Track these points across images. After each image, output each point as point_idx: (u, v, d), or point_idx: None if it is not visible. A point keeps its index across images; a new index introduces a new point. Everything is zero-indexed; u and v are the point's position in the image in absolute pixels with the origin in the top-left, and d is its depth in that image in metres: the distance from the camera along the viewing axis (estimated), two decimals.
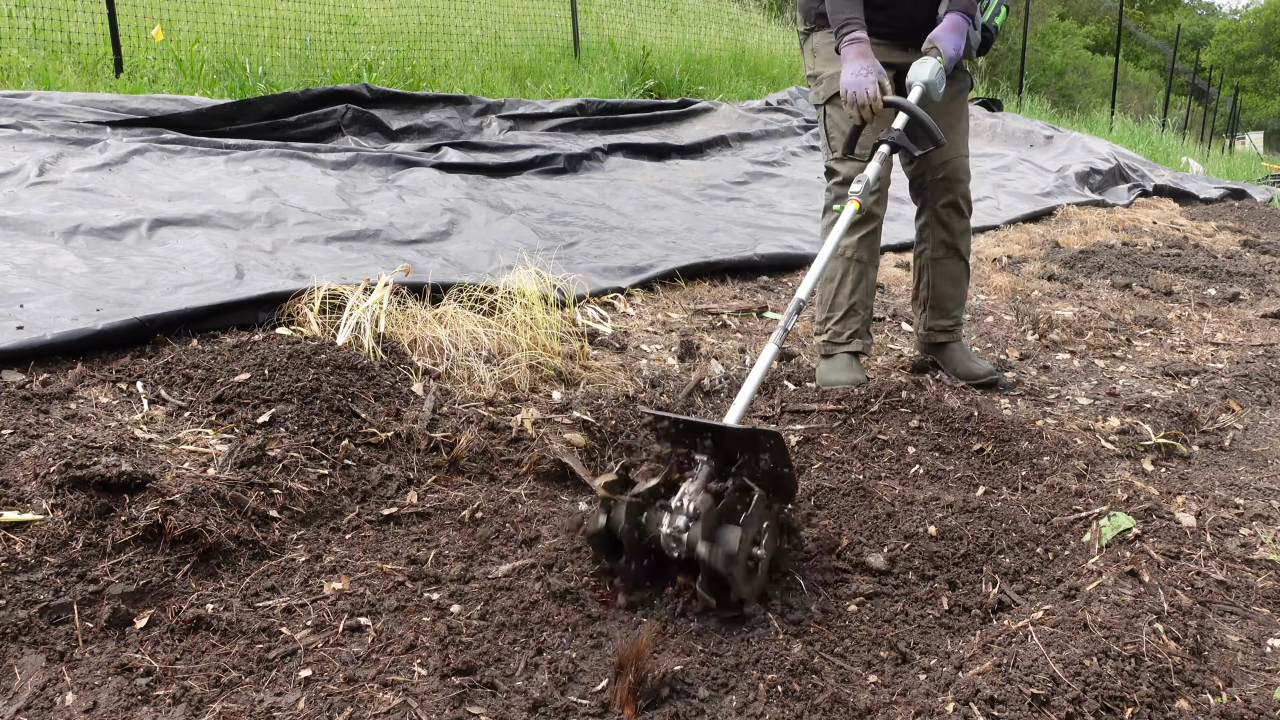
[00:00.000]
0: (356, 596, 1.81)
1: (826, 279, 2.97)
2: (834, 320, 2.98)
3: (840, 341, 2.98)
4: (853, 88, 2.61)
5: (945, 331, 3.21)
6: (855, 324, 2.97)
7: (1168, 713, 1.51)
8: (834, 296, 2.97)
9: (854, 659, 1.74)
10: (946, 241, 3.11)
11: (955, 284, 3.17)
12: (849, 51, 2.65)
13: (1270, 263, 5.80)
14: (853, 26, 2.68)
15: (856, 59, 2.63)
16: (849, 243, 2.91)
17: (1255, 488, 2.53)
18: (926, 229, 3.13)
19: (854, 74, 2.61)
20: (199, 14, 7.49)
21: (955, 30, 2.74)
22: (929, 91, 2.65)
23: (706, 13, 12.57)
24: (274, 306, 2.90)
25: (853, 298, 2.95)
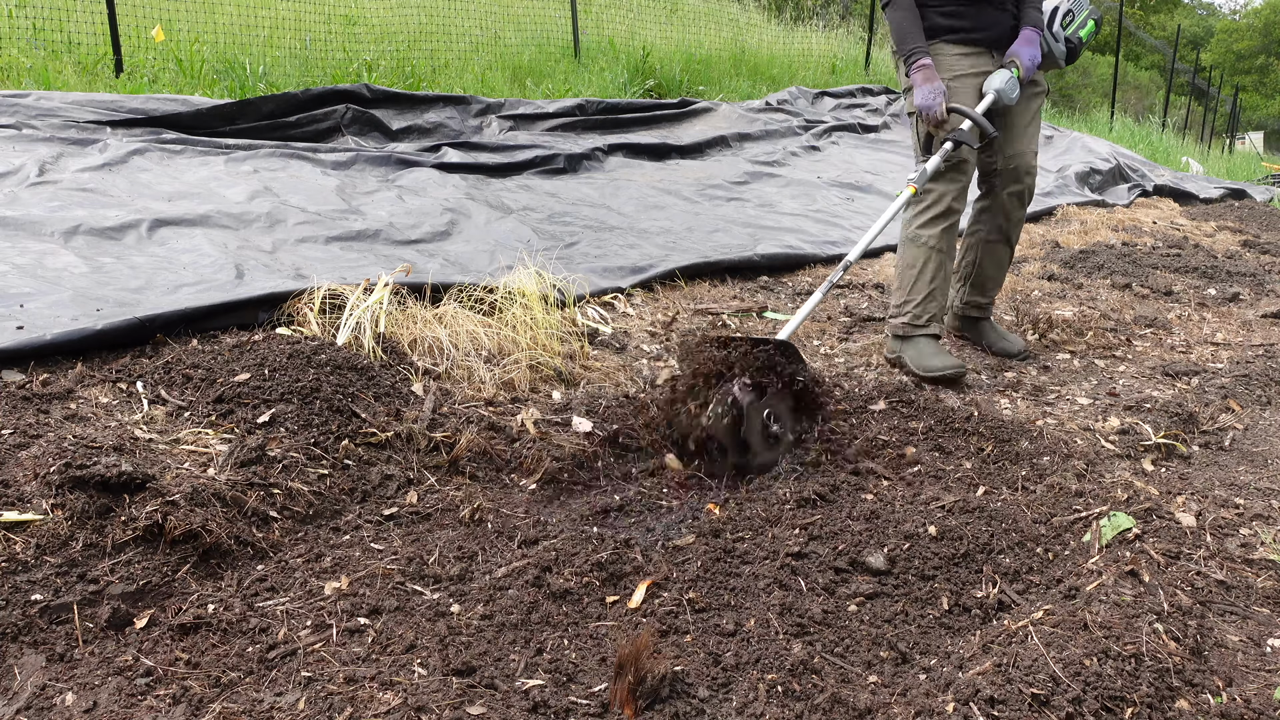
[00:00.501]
0: (356, 596, 1.81)
1: (908, 265, 3.27)
2: (914, 304, 3.25)
3: (920, 324, 3.25)
4: (924, 107, 3.13)
5: (980, 308, 3.59)
6: (934, 309, 3.26)
7: (1168, 713, 1.51)
8: (915, 282, 3.25)
9: (854, 659, 1.74)
10: (1002, 227, 3.46)
11: (999, 268, 3.54)
12: (917, 77, 3.15)
13: (1270, 263, 5.80)
14: (918, 54, 3.15)
15: (924, 83, 3.13)
16: (933, 234, 3.23)
17: (1255, 488, 2.53)
18: (985, 213, 3.47)
19: (924, 96, 3.12)
20: (199, 14, 7.49)
21: (1030, 44, 3.21)
22: (1000, 97, 3.13)
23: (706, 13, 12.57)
24: (274, 306, 2.90)
25: (932, 284, 3.24)
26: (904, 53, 3.18)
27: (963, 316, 3.61)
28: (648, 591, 1.91)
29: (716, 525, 2.18)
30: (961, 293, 3.59)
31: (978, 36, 3.24)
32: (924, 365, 3.17)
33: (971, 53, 3.24)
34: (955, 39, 3.22)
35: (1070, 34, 3.35)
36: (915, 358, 3.21)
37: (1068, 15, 3.34)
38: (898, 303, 3.30)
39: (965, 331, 3.64)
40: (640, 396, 2.74)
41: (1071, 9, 3.36)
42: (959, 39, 3.23)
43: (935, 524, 2.12)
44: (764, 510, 2.27)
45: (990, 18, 3.23)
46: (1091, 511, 2.18)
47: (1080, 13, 3.38)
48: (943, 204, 3.20)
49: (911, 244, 3.25)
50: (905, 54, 3.17)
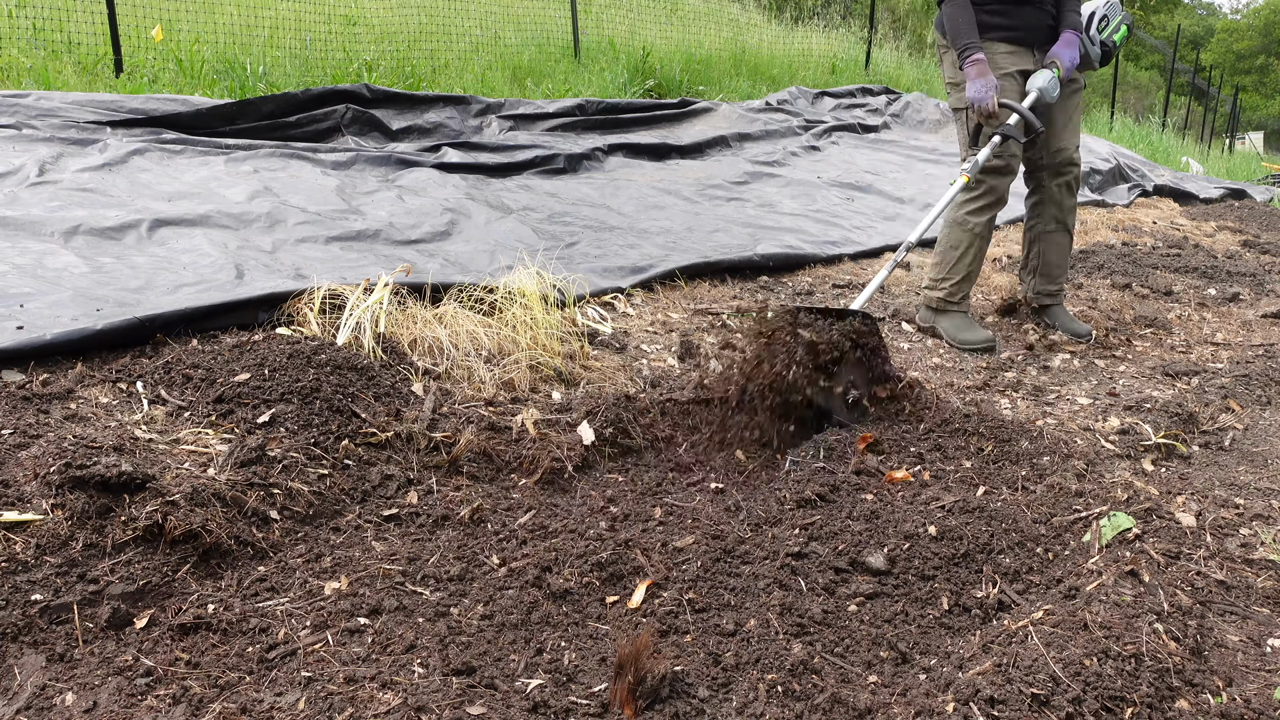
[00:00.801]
0: (356, 596, 1.81)
1: (951, 246, 3.57)
2: (952, 282, 3.60)
3: (955, 301, 3.62)
4: (977, 100, 3.33)
5: (1051, 295, 3.86)
6: (968, 288, 3.62)
7: (1168, 713, 1.51)
8: (956, 261, 3.57)
9: (854, 659, 1.74)
10: (1058, 217, 3.72)
11: (1062, 254, 3.79)
12: (970, 71, 3.34)
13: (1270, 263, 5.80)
14: (972, 49, 3.34)
15: (977, 78, 3.32)
16: (980, 221, 3.53)
17: (1255, 488, 2.53)
18: (1040, 206, 3.74)
19: (977, 89, 3.32)
20: (199, 14, 7.49)
21: (1069, 45, 3.43)
22: (1043, 95, 3.35)
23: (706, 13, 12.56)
24: (274, 306, 2.90)
25: (970, 266, 3.58)
26: (959, 47, 3.36)
27: (1036, 306, 3.89)
28: (648, 591, 1.91)
29: (716, 526, 2.18)
30: (1031, 284, 3.86)
31: (1022, 35, 3.46)
32: (960, 338, 3.55)
33: (1016, 51, 3.47)
34: (1001, 36, 3.44)
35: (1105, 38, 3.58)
36: (951, 330, 3.60)
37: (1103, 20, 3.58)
38: (936, 277, 3.63)
39: (1037, 318, 3.91)
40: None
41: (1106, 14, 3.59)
42: (1004, 37, 3.45)
43: (935, 524, 2.12)
44: (764, 510, 2.27)
45: (1033, 18, 3.46)
46: (1091, 511, 2.18)
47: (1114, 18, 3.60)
48: (993, 195, 3.48)
49: (959, 227, 3.54)
50: (960, 48, 3.35)
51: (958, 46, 3.38)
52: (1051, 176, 3.66)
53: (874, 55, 12.87)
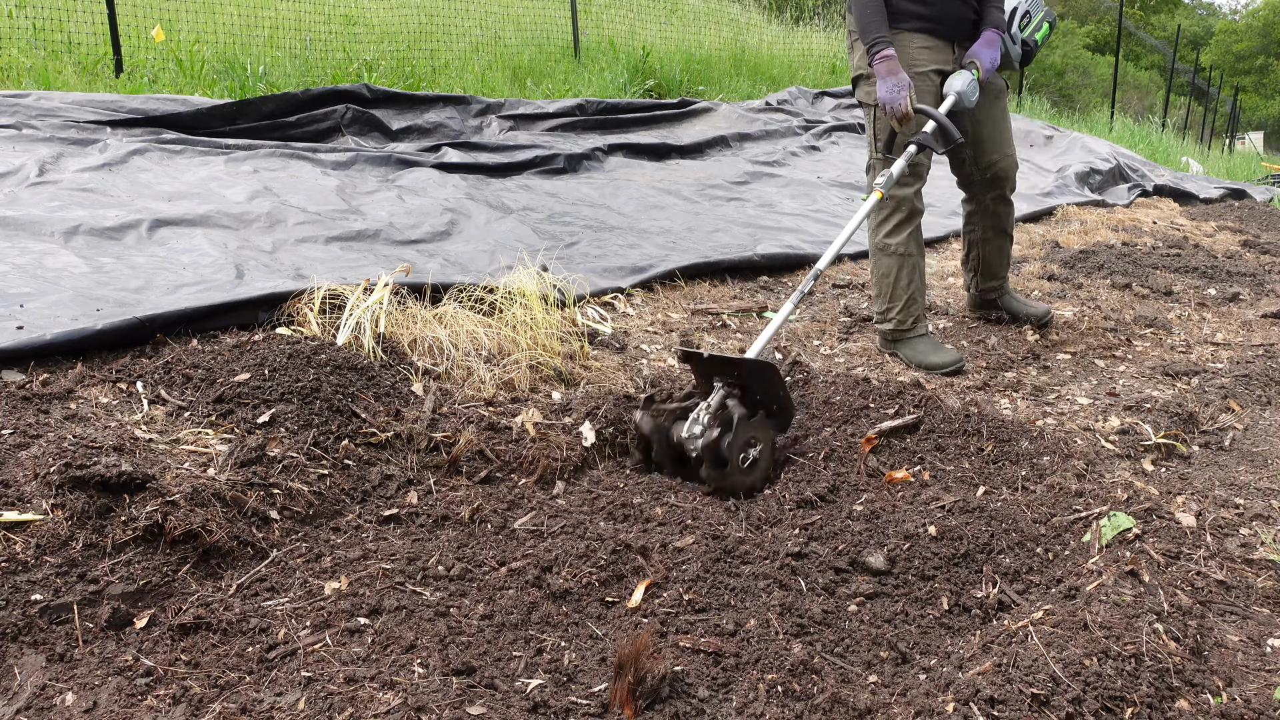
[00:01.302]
0: (356, 596, 1.81)
1: (883, 275, 3.32)
2: (896, 310, 3.34)
3: (907, 328, 3.35)
4: (888, 102, 3.01)
5: (995, 290, 3.81)
6: (916, 310, 3.34)
7: (1168, 713, 1.51)
8: (892, 289, 3.32)
9: (854, 659, 1.74)
10: (995, 225, 3.61)
11: (1000, 254, 3.71)
12: (880, 68, 3.02)
13: (1270, 263, 5.80)
14: (882, 44, 3.02)
15: (888, 75, 3.00)
16: (899, 240, 3.26)
17: (1255, 488, 2.53)
18: (976, 216, 3.61)
19: (888, 89, 3.00)
20: (199, 14, 7.49)
21: (990, 45, 3.15)
22: (961, 100, 3.06)
23: (706, 13, 12.57)
24: (274, 306, 2.90)
25: (910, 288, 3.31)
26: (867, 40, 3.06)
27: (983, 301, 3.82)
28: (647, 591, 1.91)
29: (716, 526, 2.18)
30: (975, 282, 3.78)
31: (941, 28, 3.17)
32: (924, 363, 3.28)
33: (934, 45, 3.17)
34: (918, 27, 3.14)
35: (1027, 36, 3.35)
36: (913, 356, 3.32)
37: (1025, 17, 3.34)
38: (880, 309, 3.39)
39: (986, 311, 3.83)
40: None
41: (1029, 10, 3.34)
42: (922, 28, 3.14)
43: (935, 524, 2.12)
44: (763, 510, 2.27)
45: (955, 9, 3.18)
46: (1091, 511, 2.18)
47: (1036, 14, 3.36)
48: (904, 209, 3.23)
49: (881, 254, 3.31)
50: (869, 42, 3.05)
51: (866, 39, 3.06)
52: (985, 190, 3.50)
53: None
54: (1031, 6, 3.35)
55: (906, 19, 3.13)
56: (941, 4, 3.14)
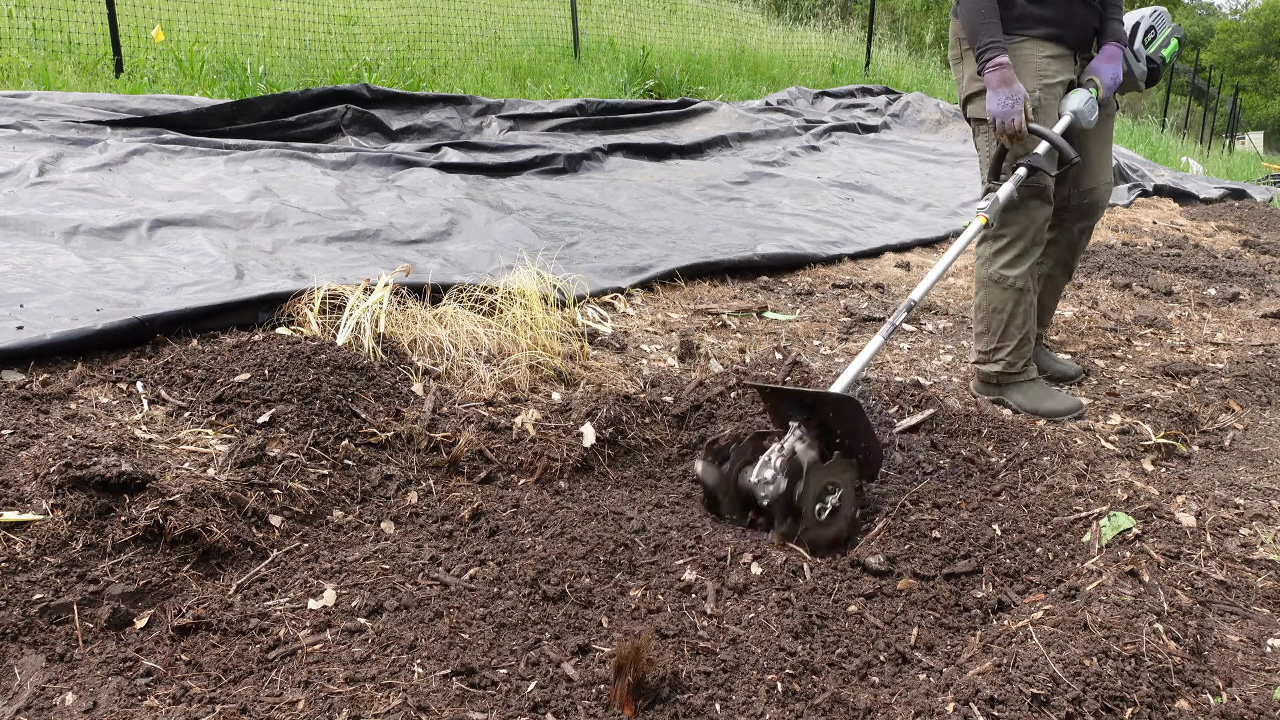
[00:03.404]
0: (356, 596, 1.81)
1: (994, 310, 2.95)
2: (1007, 350, 2.97)
3: (1016, 371, 2.99)
4: (1001, 117, 2.68)
5: (1036, 338, 3.29)
6: (1027, 352, 2.99)
7: (1168, 713, 1.51)
8: (1005, 327, 2.95)
9: (854, 659, 1.74)
10: (1066, 261, 3.19)
11: (1056, 296, 3.29)
12: (992, 78, 2.68)
13: (1270, 263, 5.79)
14: (994, 50, 2.68)
15: (1000, 86, 2.67)
16: (1017, 274, 2.89)
17: (1255, 488, 2.53)
18: (1051, 245, 3.12)
19: (1001, 101, 2.67)
20: (199, 14, 7.49)
21: (1113, 60, 2.83)
22: (1078, 120, 2.76)
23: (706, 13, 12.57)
24: (274, 307, 2.90)
25: (1024, 328, 2.96)
26: (978, 46, 2.71)
27: None
28: (648, 591, 1.91)
29: (718, 529, 2.18)
30: None
31: (1067, 34, 2.81)
32: (1041, 409, 2.95)
33: (1061, 55, 2.81)
34: (1044, 34, 2.77)
35: (1152, 52, 3.03)
36: (1029, 403, 2.98)
37: (1149, 32, 3.03)
38: (986, 349, 3.01)
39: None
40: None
41: (1154, 25, 3.04)
42: (1048, 34, 2.78)
43: (936, 524, 2.12)
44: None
45: (1082, 15, 2.82)
46: (1091, 511, 2.18)
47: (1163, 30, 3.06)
48: (1026, 239, 2.86)
49: (996, 285, 2.92)
50: (980, 48, 2.71)
51: (977, 45, 2.71)
52: (1076, 219, 3.09)
53: (874, 55, 12.87)
54: (1157, 21, 3.05)
55: (1032, 24, 2.77)
56: (1067, 7, 2.78)
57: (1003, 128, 2.70)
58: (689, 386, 2.79)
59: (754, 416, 2.59)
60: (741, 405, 2.66)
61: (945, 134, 9.02)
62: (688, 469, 2.48)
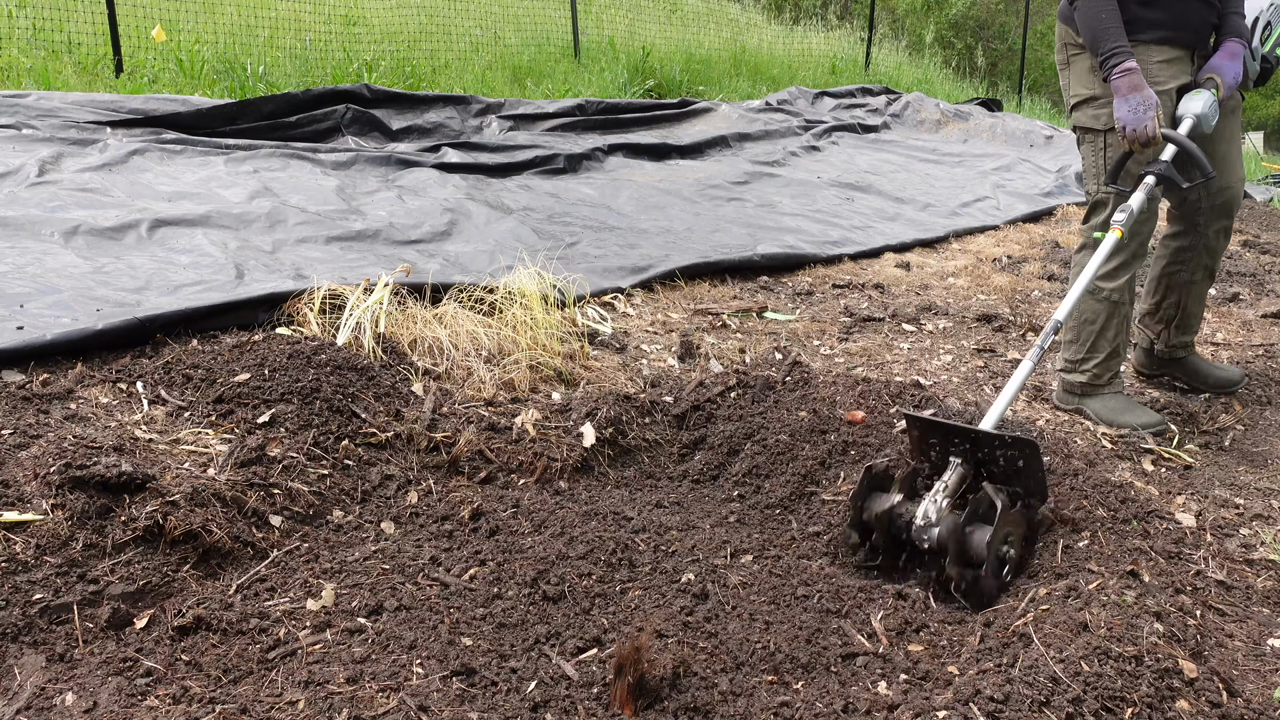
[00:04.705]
0: (356, 596, 1.81)
1: (1086, 320, 2.88)
2: (1096, 363, 2.91)
3: (1102, 384, 2.92)
4: (1132, 124, 2.59)
5: (1185, 346, 3.21)
6: (1117, 365, 2.93)
7: (1168, 713, 1.51)
8: (1095, 338, 2.89)
9: (854, 659, 1.73)
10: (1209, 266, 3.05)
11: (1202, 302, 3.15)
12: (1121, 84, 2.60)
13: (1270, 263, 5.80)
14: (1121, 55, 2.61)
15: (1131, 92, 2.59)
16: (1115, 285, 2.81)
17: (1255, 488, 2.53)
18: (1189, 252, 3.02)
19: (1132, 109, 2.59)
20: (199, 14, 7.49)
21: (1234, 58, 2.72)
22: (1200, 124, 2.66)
23: (706, 13, 12.57)
24: (274, 307, 2.90)
25: (1116, 341, 2.89)
26: (1103, 52, 2.63)
27: (1169, 359, 3.23)
28: (648, 591, 1.91)
29: (717, 530, 2.18)
30: (1165, 336, 3.19)
31: (1182, 36, 2.72)
32: (1120, 422, 2.87)
33: (1175, 57, 2.72)
34: (1157, 37, 2.70)
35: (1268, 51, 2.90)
36: (1107, 414, 2.90)
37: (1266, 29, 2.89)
38: (1074, 358, 2.95)
39: (1169, 370, 3.27)
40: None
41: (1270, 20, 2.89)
42: (1162, 38, 2.70)
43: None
44: (761, 515, 2.27)
45: (1198, 14, 2.72)
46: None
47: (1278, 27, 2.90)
48: (1128, 251, 2.78)
49: (1090, 296, 2.84)
50: (1105, 53, 2.62)
51: (1101, 50, 2.63)
52: (1211, 220, 2.93)
53: (874, 55, 12.87)
54: (1273, 16, 2.89)
55: (1143, 28, 2.68)
56: (1180, 7, 2.69)
57: (1133, 135, 2.60)
58: (689, 386, 2.79)
59: (753, 417, 2.59)
60: (741, 406, 2.66)
61: (945, 134, 9.03)
62: (687, 469, 2.48)
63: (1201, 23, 2.75)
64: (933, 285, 4.54)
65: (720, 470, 2.47)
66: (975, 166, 7.54)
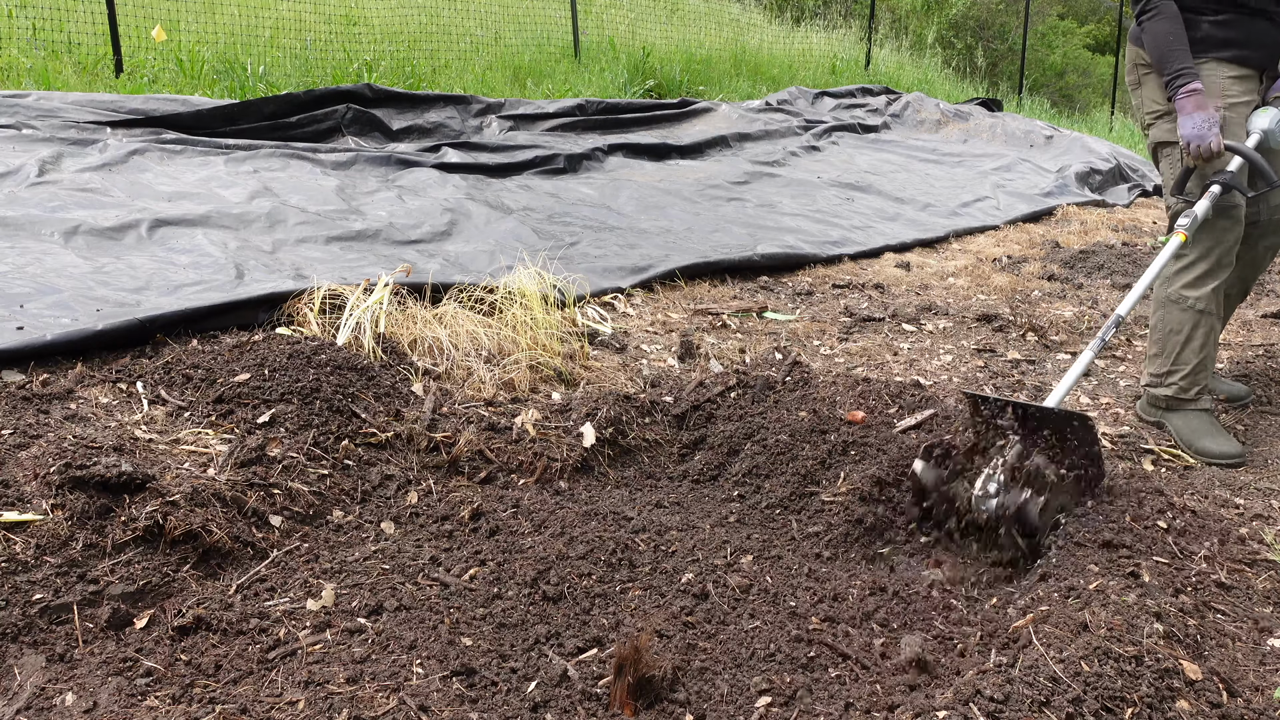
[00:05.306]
0: (356, 597, 1.81)
1: (1171, 331, 2.86)
2: (1182, 375, 2.86)
3: (1188, 398, 2.87)
4: (1196, 139, 2.68)
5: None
6: (1203, 379, 2.87)
7: (1168, 713, 1.51)
8: (1180, 350, 2.85)
9: (855, 659, 1.74)
10: (1245, 279, 3.07)
11: (1227, 318, 3.14)
12: (1186, 104, 2.69)
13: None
14: (1187, 77, 2.70)
15: (1195, 111, 2.68)
16: (1200, 294, 2.81)
17: (1255, 488, 2.53)
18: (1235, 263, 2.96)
19: (1195, 125, 2.67)
20: (199, 14, 7.49)
21: None
22: (1268, 139, 2.74)
23: (706, 13, 12.57)
24: (274, 307, 2.90)
25: (1202, 353, 2.85)
26: (1169, 73, 2.72)
27: None
28: (648, 592, 1.91)
29: (717, 525, 2.18)
30: None
31: (1251, 55, 2.79)
32: (1200, 447, 2.79)
33: (1245, 75, 2.80)
34: (1228, 56, 2.77)
35: None
36: (1186, 434, 2.84)
37: None
38: (1159, 371, 2.91)
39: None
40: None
41: None
42: (1232, 56, 2.78)
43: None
44: (761, 515, 2.27)
45: (1266, 34, 2.78)
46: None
47: None
48: (1212, 259, 2.78)
49: (1175, 306, 2.83)
50: (1171, 74, 2.71)
51: (1167, 71, 2.72)
52: (1263, 235, 2.97)
53: (874, 55, 12.87)
54: None
55: (1214, 46, 2.76)
56: (1250, 26, 2.76)
57: (1197, 151, 2.69)
58: (689, 387, 2.79)
59: (753, 417, 2.59)
60: (741, 406, 2.66)
61: (945, 134, 9.03)
62: (687, 469, 2.48)
63: (1273, 43, 2.80)
64: (933, 285, 4.54)
65: (720, 470, 2.47)
66: (975, 166, 7.54)
